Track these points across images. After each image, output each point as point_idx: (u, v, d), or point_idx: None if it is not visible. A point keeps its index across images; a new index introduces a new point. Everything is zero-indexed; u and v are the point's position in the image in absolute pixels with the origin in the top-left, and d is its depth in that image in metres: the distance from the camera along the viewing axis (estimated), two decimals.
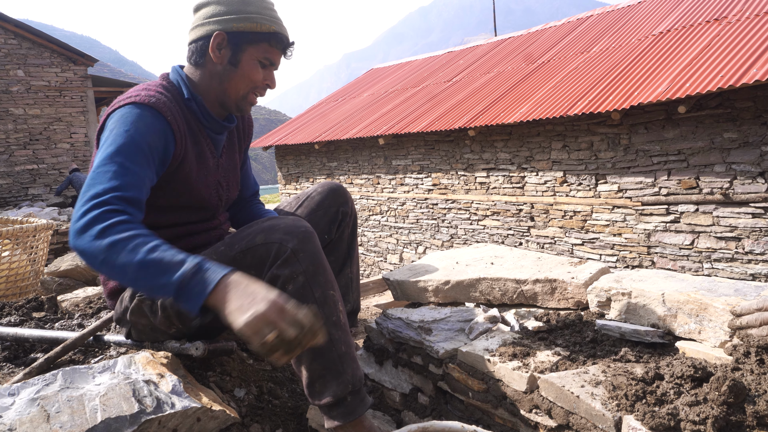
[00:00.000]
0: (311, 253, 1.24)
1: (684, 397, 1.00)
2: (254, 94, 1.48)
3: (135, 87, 1.44)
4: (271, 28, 1.42)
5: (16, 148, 11.31)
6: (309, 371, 1.22)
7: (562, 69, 6.15)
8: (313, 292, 1.22)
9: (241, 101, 1.47)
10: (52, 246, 5.44)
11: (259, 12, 1.42)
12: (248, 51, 1.42)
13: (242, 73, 1.43)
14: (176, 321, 1.39)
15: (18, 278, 3.03)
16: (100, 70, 51.57)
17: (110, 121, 1.32)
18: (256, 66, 1.44)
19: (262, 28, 1.41)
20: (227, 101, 1.47)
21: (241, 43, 1.41)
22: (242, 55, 1.42)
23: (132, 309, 1.41)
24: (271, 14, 1.45)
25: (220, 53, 1.42)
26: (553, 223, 5.55)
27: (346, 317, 1.30)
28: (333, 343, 1.22)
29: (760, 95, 3.98)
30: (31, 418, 1.08)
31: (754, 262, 4.14)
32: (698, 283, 1.45)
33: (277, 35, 1.44)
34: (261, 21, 1.41)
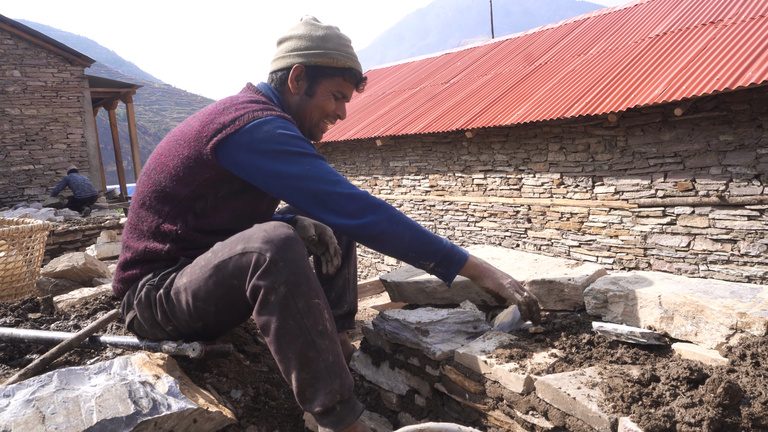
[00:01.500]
0: (291, 261, 1.20)
1: (680, 399, 1.00)
2: (325, 122, 1.61)
3: (241, 98, 1.47)
4: (347, 64, 1.54)
5: (13, 148, 11.28)
6: (298, 380, 1.21)
7: (559, 71, 6.17)
8: (296, 302, 1.19)
9: (314, 128, 1.60)
10: (48, 247, 5.43)
11: (337, 48, 1.53)
12: (323, 84, 1.55)
13: (316, 103, 1.56)
14: (172, 319, 1.39)
15: (14, 279, 3.02)
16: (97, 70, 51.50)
17: (264, 129, 1.36)
18: (330, 97, 1.56)
19: (338, 64, 1.53)
20: (302, 127, 1.58)
21: (318, 76, 1.54)
22: (317, 87, 1.55)
23: (140, 299, 1.42)
24: (348, 51, 1.56)
25: (298, 84, 1.54)
26: (550, 225, 5.56)
27: (334, 325, 1.27)
28: (320, 353, 1.20)
29: (756, 98, 3.99)
30: (26, 420, 1.08)
31: (750, 264, 4.16)
32: (694, 285, 1.46)
33: (351, 71, 1.56)
34: (338, 57, 1.53)
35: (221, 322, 1.41)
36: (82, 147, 12.10)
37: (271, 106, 1.44)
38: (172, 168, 1.42)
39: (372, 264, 8.05)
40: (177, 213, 1.43)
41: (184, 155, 1.41)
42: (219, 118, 1.40)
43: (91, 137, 12.25)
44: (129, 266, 1.48)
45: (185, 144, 1.42)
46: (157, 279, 1.41)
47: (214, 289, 1.29)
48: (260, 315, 1.21)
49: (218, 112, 1.42)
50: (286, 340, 1.20)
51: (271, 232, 1.23)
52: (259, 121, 1.37)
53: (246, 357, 1.73)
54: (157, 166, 1.45)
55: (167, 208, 1.44)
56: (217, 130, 1.37)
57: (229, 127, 1.36)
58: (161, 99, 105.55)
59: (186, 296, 1.33)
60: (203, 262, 1.31)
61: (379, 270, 7.92)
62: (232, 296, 1.28)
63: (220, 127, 1.37)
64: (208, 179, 1.41)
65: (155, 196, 1.44)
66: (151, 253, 1.44)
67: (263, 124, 1.36)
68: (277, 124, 1.37)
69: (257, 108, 1.41)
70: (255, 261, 1.21)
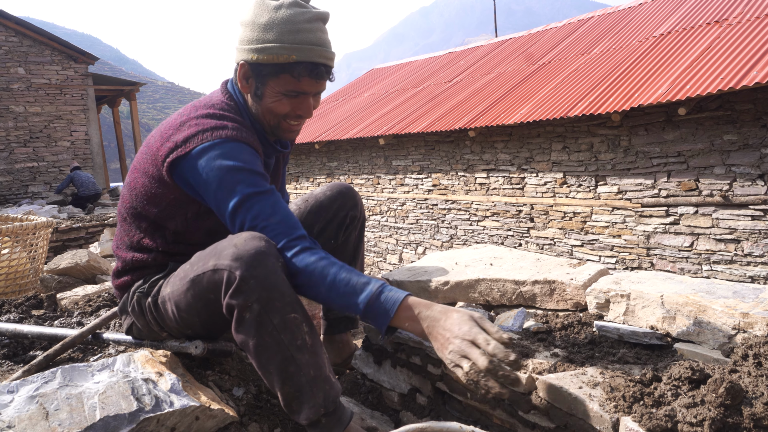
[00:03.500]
0: (262, 278, 1.14)
1: (681, 399, 1.00)
2: (287, 122, 1.40)
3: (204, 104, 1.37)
4: (291, 58, 1.28)
5: (17, 145, 11.32)
6: (282, 394, 1.20)
7: (562, 70, 6.16)
8: (270, 319, 1.15)
9: (276, 129, 1.42)
10: (52, 244, 5.45)
11: (280, 39, 1.28)
12: (269, 84, 1.33)
13: (266, 106, 1.36)
14: (163, 326, 1.40)
15: (17, 276, 3.03)
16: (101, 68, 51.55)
17: (208, 159, 1.25)
18: (280, 98, 1.34)
19: (280, 59, 1.28)
20: (264, 129, 1.43)
21: (262, 75, 1.33)
22: (264, 89, 1.34)
23: (133, 306, 1.42)
24: (295, 38, 1.28)
25: (248, 83, 1.36)
26: (552, 225, 5.55)
27: (316, 336, 1.23)
28: (300, 368, 1.18)
29: (760, 97, 3.98)
30: (29, 416, 1.08)
31: (753, 264, 4.14)
32: (697, 285, 1.46)
33: (298, 65, 1.29)
34: (279, 52, 1.27)
35: (209, 330, 1.41)
36: (85, 144, 12.13)
37: (224, 122, 1.31)
38: (141, 187, 1.37)
39: (374, 263, 8.06)
40: (153, 229, 1.40)
41: (149, 173, 1.34)
42: (175, 135, 1.30)
43: (95, 135, 12.28)
44: (121, 274, 1.48)
45: (150, 160, 1.35)
46: (146, 286, 1.40)
47: (193, 302, 1.27)
48: (238, 333, 1.19)
49: (175, 127, 1.32)
50: (266, 356, 1.18)
51: (241, 247, 1.16)
52: (205, 146, 1.26)
53: None
54: (131, 181, 1.40)
55: (144, 225, 1.40)
56: (170, 149, 1.29)
57: (180, 149, 1.27)
58: (164, 97, 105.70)
59: (171, 306, 1.32)
60: (182, 274, 1.29)
61: (382, 269, 7.93)
62: (212, 308, 1.25)
63: (173, 146, 1.29)
64: (173, 200, 1.34)
65: (131, 213, 1.41)
66: (138, 262, 1.43)
67: (209, 149, 1.25)
68: (220, 152, 1.25)
69: (210, 126, 1.29)
70: (226, 279, 1.16)
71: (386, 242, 7.82)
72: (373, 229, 7.96)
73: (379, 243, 7.94)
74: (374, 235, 7.97)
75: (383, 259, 7.90)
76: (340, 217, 1.76)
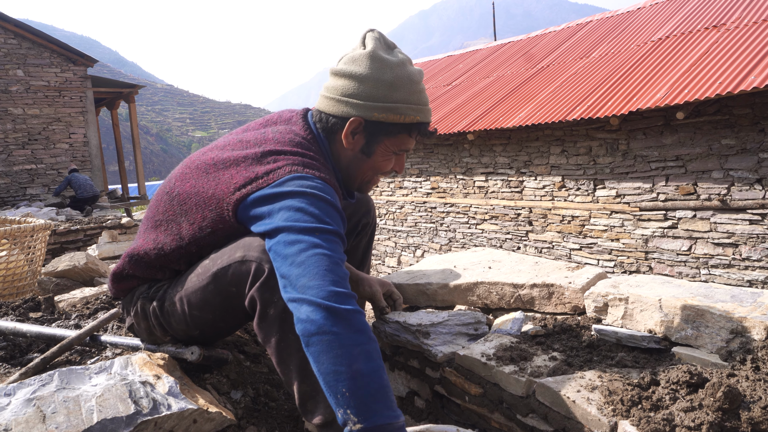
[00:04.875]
0: None
1: (679, 403, 1.00)
2: (378, 177, 1.38)
3: (288, 138, 1.25)
4: (415, 119, 1.25)
5: (15, 147, 11.31)
6: (299, 392, 1.19)
7: (561, 74, 6.17)
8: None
9: (365, 184, 1.38)
10: (50, 246, 5.44)
11: (407, 99, 1.24)
12: (384, 143, 1.28)
13: (373, 164, 1.32)
14: (168, 329, 1.39)
15: (15, 278, 3.03)
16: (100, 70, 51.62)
17: (298, 185, 1.13)
18: (390, 156, 1.31)
19: (406, 120, 1.25)
20: (351, 183, 1.38)
21: (379, 134, 1.27)
22: (377, 147, 1.29)
23: (136, 310, 1.41)
24: (419, 99, 1.26)
25: (353, 139, 1.28)
26: (551, 228, 5.56)
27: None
28: None
29: (758, 102, 3.99)
30: (26, 419, 1.08)
31: (751, 268, 4.15)
32: (695, 289, 1.46)
33: (420, 126, 1.27)
34: (406, 112, 1.24)
35: (219, 329, 1.39)
36: (84, 147, 12.12)
37: (315, 163, 1.21)
38: (192, 205, 1.26)
39: (373, 266, 8.05)
40: (184, 252, 1.31)
41: (207, 196, 1.23)
42: (255, 166, 1.19)
43: (94, 137, 12.27)
44: (124, 279, 1.44)
45: (213, 182, 1.23)
46: (151, 291, 1.38)
47: (212, 297, 1.24)
48: (260, 327, 1.18)
49: (256, 158, 1.21)
50: (287, 352, 1.17)
51: None
52: (295, 175, 1.15)
53: (246, 358, 1.73)
54: (181, 194, 1.29)
55: (176, 255, 1.32)
56: (248, 180, 1.18)
57: (261, 180, 1.16)
58: (163, 99, 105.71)
59: (182, 305, 1.30)
60: (200, 270, 1.26)
61: (380, 272, 7.92)
62: (230, 304, 1.24)
63: (252, 177, 1.18)
64: (221, 230, 1.25)
65: (168, 226, 1.32)
66: (148, 275, 1.39)
67: (300, 179, 1.15)
68: (315, 186, 1.13)
69: (300, 162, 1.19)
70: (254, 271, 1.14)
71: (385, 245, 7.81)
72: None
73: (377, 246, 7.93)
74: None
75: (381, 262, 7.90)
76: (353, 224, 1.75)
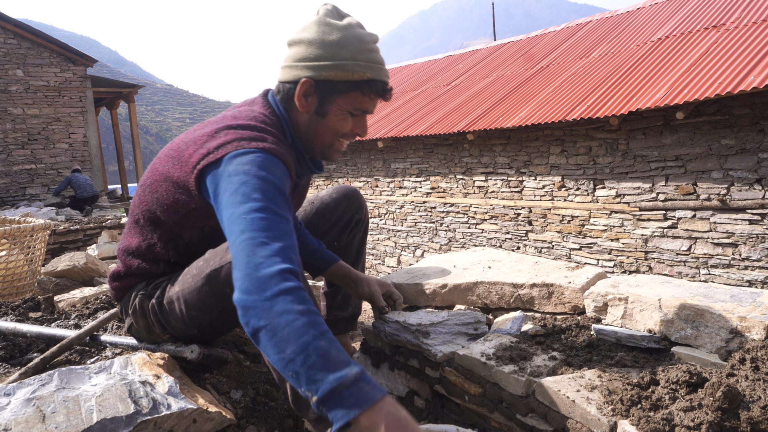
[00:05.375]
0: None
1: (679, 403, 1.00)
2: (340, 141, 1.37)
3: (245, 115, 1.29)
4: (366, 76, 1.27)
5: (15, 147, 11.30)
6: (292, 389, 1.20)
7: (561, 74, 6.18)
8: None
9: (327, 149, 1.38)
10: (50, 246, 5.44)
11: (355, 57, 1.26)
12: (337, 101, 1.30)
13: (328, 125, 1.32)
14: (167, 327, 1.39)
15: (15, 278, 3.03)
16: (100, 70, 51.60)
17: (238, 163, 1.15)
18: (345, 116, 1.32)
19: (355, 77, 1.26)
20: (312, 148, 1.39)
21: (330, 93, 1.29)
22: (330, 106, 1.31)
23: (134, 308, 1.42)
24: (369, 57, 1.28)
25: (307, 101, 1.31)
26: (550, 228, 5.56)
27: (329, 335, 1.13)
28: None
29: (758, 102, 3.99)
30: (26, 418, 1.08)
31: (751, 268, 4.15)
32: (695, 289, 1.46)
33: (372, 83, 1.29)
34: (354, 69, 1.26)
35: (216, 328, 1.40)
36: (84, 147, 12.12)
37: (264, 135, 1.23)
38: (164, 191, 1.31)
39: (372, 266, 8.05)
40: (167, 238, 1.36)
41: (174, 178, 1.28)
42: (209, 142, 1.23)
43: (93, 137, 12.27)
44: (121, 278, 1.45)
45: (177, 165, 1.28)
46: (150, 287, 1.39)
47: (207, 298, 1.25)
48: None
49: (210, 135, 1.25)
50: None
51: None
52: (239, 152, 1.17)
53: (246, 357, 1.73)
54: (152, 183, 1.34)
55: (159, 233, 1.36)
56: (202, 156, 1.22)
57: (212, 155, 1.19)
58: (163, 99, 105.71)
59: (179, 305, 1.30)
60: (195, 271, 1.27)
61: (380, 272, 7.92)
62: (225, 304, 1.22)
63: (205, 153, 1.21)
64: (194, 210, 1.29)
65: (147, 217, 1.36)
66: (143, 270, 1.41)
67: (242, 155, 1.16)
68: (254, 160, 1.15)
69: (248, 136, 1.22)
70: None
71: (384, 245, 7.82)
72: (372, 231, 7.95)
73: (377, 246, 7.94)
74: (372, 237, 7.97)
75: (381, 262, 7.90)
76: (345, 220, 1.76)
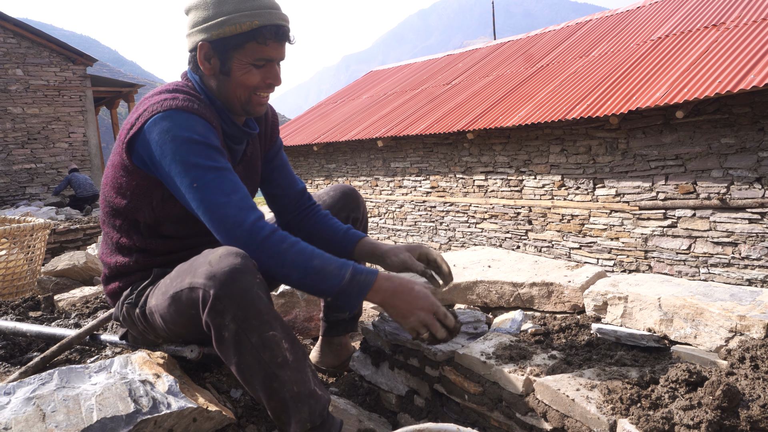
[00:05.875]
0: (238, 296, 1.12)
1: (678, 401, 1.00)
2: (258, 95, 1.37)
3: (160, 89, 1.34)
4: (254, 24, 1.26)
5: (14, 147, 11.30)
6: (269, 408, 1.20)
7: (561, 73, 6.17)
8: (248, 338, 1.14)
9: (246, 105, 1.38)
10: (49, 245, 5.44)
11: (237, 8, 1.26)
12: (236, 57, 1.30)
13: (236, 81, 1.33)
14: (155, 334, 1.40)
15: (15, 277, 3.03)
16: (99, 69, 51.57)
17: (160, 131, 1.23)
18: (249, 69, 1.32)
19: (243, 28, 1.26)
20: (233, 108, 1.39)
21: (227, 50, 1.30)
22: (231, 63, 1.31)
23: (123, 316, 1.42)
24: (252, 5, 1.27)
25: (210, 64, 1.33)
26: (550, 227, 5.56)
27: (298, 349, 1.21)
28: (283, 384, 1.17)
29: (758, 101, 3.99)
30: (26, 417, 1.08)
31: (751, 267, 4.15)
32: (694, 288, 1.46)
33: (262, 30, 1.27)
34: (240, 20, 1.26)
35: (199, 340, 1.41)
36: (83, 146, 12.12)
37: (175, 95, 1.29)
38: (109, 178, 1.35)
39: (372, 265, 8.05)
40: (128, 225, 1.38)
41: (114, 162, 1.33)
42: (130, 117, 1.29)
43: (93, 136, 12.27)
44: (109, 280, 1.46)
45: (115, 150, 1.33)
46: (134, 295, 1.39)
47: (176, 317, 1.26)
48: (220, 350, 1.19)
49: (133, 112, 1.31)
50: (249, 373, 1.18)
51: (216, 264, 1.14)
52: (156, 117, 1.23)
53: None
54: (105, 177, 1.39)
55: (119, 222, 1.38)
56: (127, 130, 1.28)
57: (134, 127, 1.26)
58: None
59: (157, 317, 1.31)
60: (164, 289, 1.28)
61: (380, 270, 7.92)
62: (195, 322, 1.23)
63: (128, 127, 1.27)
64: (137, 187, 1.32)
65: (107, 211, 1.39)
66: (122, 267, 1.42)
67: (160, 121, 1.23)
68: (172, 123, 1.22)
69: (160, 100, 1.27)
70: (201, 297, 1.15)
71: None
72: (371, 231, 7.95)
73: None
74: (372, 237, 7.98)
75: None
76: (342, 219, 1.77)
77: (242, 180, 1.45)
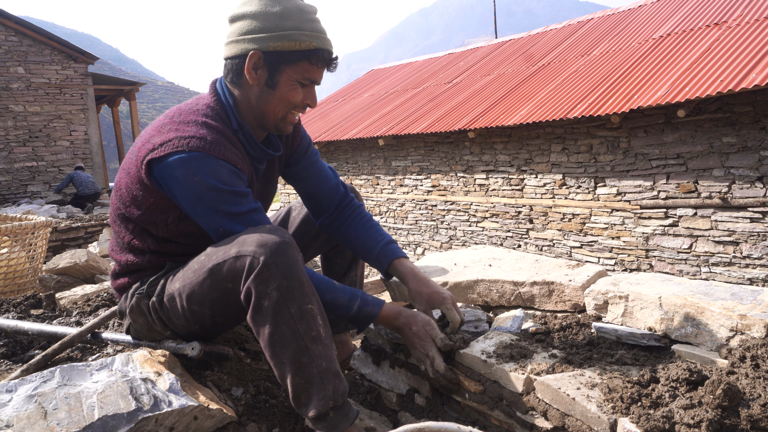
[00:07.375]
0: (285, 265, 1.18)
1: (679, 400, 1.00)
2: (293, 113, 1.41)
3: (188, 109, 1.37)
4: (311, 45, 1.31)
5: (16, 145, 11.31)
6: (292, 385, 1.21)
7: (562, 71, 6.16)
8: (288, 308, 1.18)
9: (280, 122, 1.41)
10: (51, 243, 5.45)
11: (299, 27, 1.30)
12: (286, 72, 1.34)
13: (280, 96, 1.36)
14: (168, 324, 1.41)
15: (16, 275, 3.03)
16: (101, 68, 51.59)
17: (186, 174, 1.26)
18: (296, 87, 1.36)
19: (302, 46, 1.30)
20: (266, 123, 1.42)
21: (279, 63, 1.33)
22: (280, 77, 1.34)
23: (131, 307, 1.42)
24: (313, 27, 1.32)
25: (257, 74, 1.34)
26: (551, 226, 5.55)
27: (329, 329, 1.25)
28: (313, 359, 1.19)
29: (759, 100, 3.99)
30: (28, 415, 1.09)
31: (752, 266, 4.15)
32: (695, 287, 1.46)
33: (319, 52, 1.33)
34: (300, 38, 1.30)
35: (218, 324, 1.41)
36: (85, 144, 12.13)
37: (204, 132, 1.30)
38: (124, 187, 1.37)
39: None
40: (140, 231, 1.41)
41: (131, 173, 1.35)
42: (155, 137, 1.31)
43: (94, 134, 12.28)
44: (118, 276, 1.49)
45: (133, 160, 1.35)
46: (145, 287, 1.40)
47: (209, 293, 1.27)
48: (254, 319, 1.21)
49: (157, 129, 1.33)
50: (280, 345, 1.19)
51: (266, 236, 1.21)
52: (182, 157, 1.26)
53: (247, 355, 1.73)
54: (118, 181, 1.41)
55: (131, 226, 1.41)
56: (149, 150, 1.29)
57: (156, 151, 1.28)
58: (164, 97, 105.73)
59: (180, 301, 1.32)
60: (197, 266, 1.29)
61: None
62: (227, 299, 1.26)
63: (151, 148, 1.29)
64: (153, 204, 1.34)
65: (118, 214, 1.42)
66: (133, 264, 1.44)
67: (185, 163, 1.25)
68: (198, 169, 1.26)
69: (189, 134, 1.29)
70: (249, 264, 1.18)
71: None
72: None
73: None
74: None
75: None
76: None
77: (258, 195, 1.53)
